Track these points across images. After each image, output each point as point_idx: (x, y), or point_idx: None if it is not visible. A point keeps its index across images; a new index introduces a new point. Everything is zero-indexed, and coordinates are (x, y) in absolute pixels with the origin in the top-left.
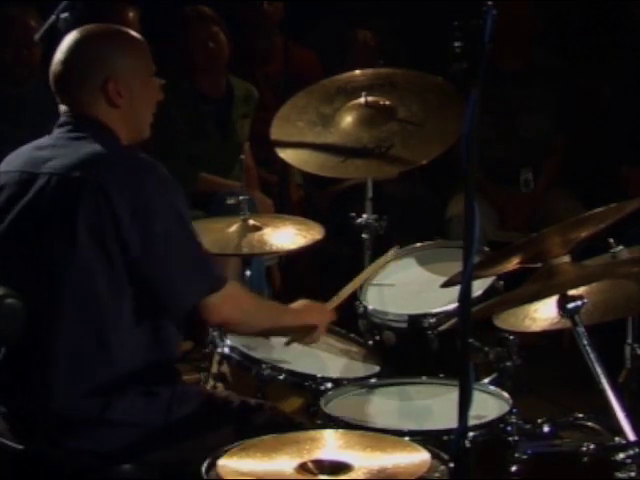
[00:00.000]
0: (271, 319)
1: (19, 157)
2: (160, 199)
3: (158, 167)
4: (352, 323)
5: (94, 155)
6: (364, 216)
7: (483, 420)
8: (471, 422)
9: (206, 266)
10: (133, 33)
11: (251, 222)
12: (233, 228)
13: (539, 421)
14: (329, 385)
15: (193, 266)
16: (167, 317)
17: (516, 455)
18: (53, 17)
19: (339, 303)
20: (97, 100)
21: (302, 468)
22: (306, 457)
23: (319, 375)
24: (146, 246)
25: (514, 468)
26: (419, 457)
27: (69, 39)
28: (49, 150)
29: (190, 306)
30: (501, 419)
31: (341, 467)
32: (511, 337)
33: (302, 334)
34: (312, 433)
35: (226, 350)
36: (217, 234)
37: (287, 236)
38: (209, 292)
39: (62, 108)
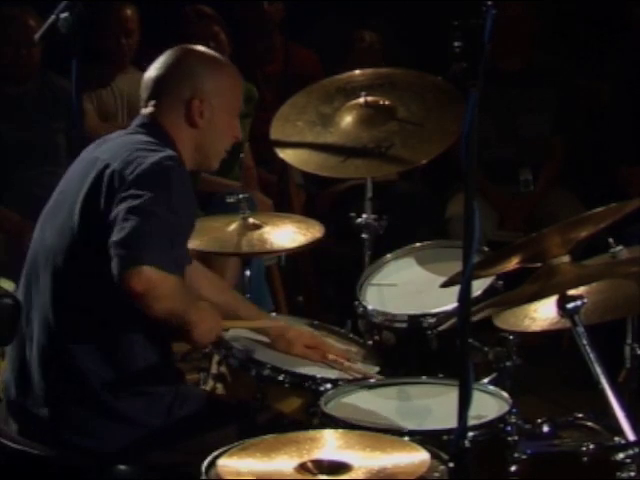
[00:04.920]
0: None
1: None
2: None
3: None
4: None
5: (131, 145)
6: (364, 216)
7: (483, 420)
8: (471, 422)
9: (172, 243)
10: (234, 68)
11: (251, 220)
12: (233, 227)
13: (539, 421)
14: (328, 385)
15: (158, 236)
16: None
17: (516, 455)
18: (53, 17)
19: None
20: (177, 112)
21: (302, 468)
22: (306, 457)
23: (318, 375)
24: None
25: (514, 468)
26: (419, 457)
27: (172, 50)
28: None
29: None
30: (501, 419)
31: (341, 467)
32: (511, 337)
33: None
34: (312, 433)
35: (226, 351)
36: (216, 233)
37: (287, 234)
38: (155, 263)
39: (143, 110)
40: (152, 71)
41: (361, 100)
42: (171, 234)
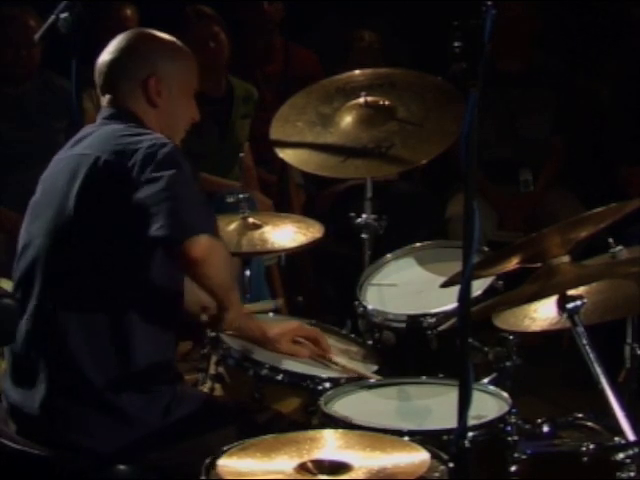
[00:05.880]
0: (230, 282)
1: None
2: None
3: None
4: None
5: (113, 134)
6: (363, 216)
7: (482, 420)
8: (470, 422)
9: (209, 211)
10: (185, 47)
11: (250, 220)
12: (232, 226)
13: (539, 421)
14: (327, 385)
15: (198, 206)
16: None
17: (515, 455)
18: (53, 17)
19: None
20: (136, 94)
21: (302, 468)
22: (306, 457)
23: (317, 375)
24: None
25: (513, 468)
26: (419, 457)
27: (124, 34)
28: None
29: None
30: (501, 419)
31: (341, 467)
32: (511, 337)
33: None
34: (311, 433)
35: (224, 351)
36: None
37: (287, 234)
38: (209, 232)
39: (103, 101)
40: (105, 55)
41: (361, 100)
42: (204, 202)
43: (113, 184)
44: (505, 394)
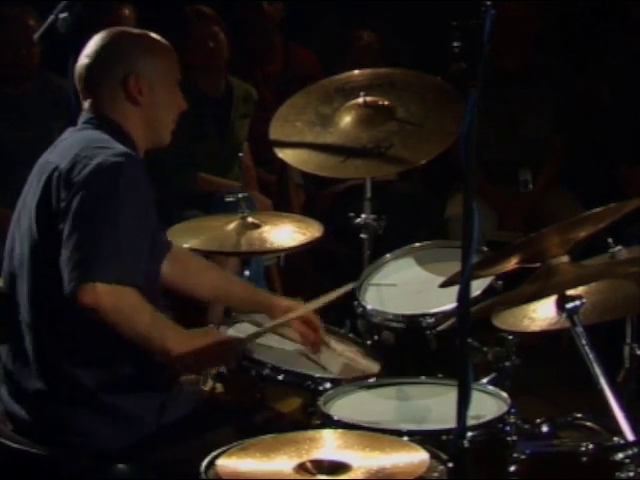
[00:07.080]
0: (151, 328)
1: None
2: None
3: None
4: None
5: (80, 143)
6: (363, 216)
7: (482, 420)
8: (470, 422)
9: (124, 255)
10: (162, 40)
11: (250, 220)
12: (232, 226)
13: (538, 421)
14: (328, 385)
15: (114, 249)
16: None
17: (515, 455)
18: (52, 17)
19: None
20: (117, 95)
21: (301, 468)
22: (305, 457)
23: (318, 375)
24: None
25: (513, 468)
26: (418, 457)
27: (97, 36)
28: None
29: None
30: (500, 419)
31: (340, 467)
32: (510, 337)
33: None
34: (311, 433)
35: None
36: (216, 232)
37: (286, 234)
38: (105, 279)
39: (84, 105)
40: (83, 59)
41: (360, 100)
42: (123, 238)
43: (58, 197)
44: (504, 394)
